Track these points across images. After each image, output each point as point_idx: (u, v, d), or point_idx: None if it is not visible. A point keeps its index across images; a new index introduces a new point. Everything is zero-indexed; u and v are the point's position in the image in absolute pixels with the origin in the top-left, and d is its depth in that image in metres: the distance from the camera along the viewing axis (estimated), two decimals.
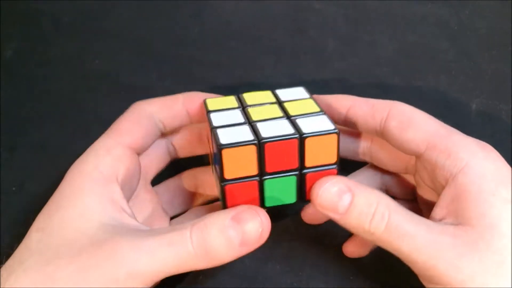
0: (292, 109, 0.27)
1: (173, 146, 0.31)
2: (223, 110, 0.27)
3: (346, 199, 0.24)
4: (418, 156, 0.27)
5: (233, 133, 0.25)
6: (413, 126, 0.26)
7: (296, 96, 0.29)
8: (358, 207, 0.24)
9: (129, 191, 0.28)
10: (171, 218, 0.31)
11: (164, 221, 0.30)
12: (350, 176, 0.32)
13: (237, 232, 0.23)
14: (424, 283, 0.25)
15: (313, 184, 0.25)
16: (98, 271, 0.23)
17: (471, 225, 0.23)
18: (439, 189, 0.26)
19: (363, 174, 0.32)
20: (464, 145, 0.25)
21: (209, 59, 0.37)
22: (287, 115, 0.26)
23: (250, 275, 0.32)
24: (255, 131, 0.25)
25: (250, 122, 0.26)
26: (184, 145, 0.31)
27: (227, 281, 0.32)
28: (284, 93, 0.29)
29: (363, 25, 0.36)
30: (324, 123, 0.25)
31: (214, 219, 0.24)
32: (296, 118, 0.26)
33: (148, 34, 0.38)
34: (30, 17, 0.39)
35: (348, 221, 0.25)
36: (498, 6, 0.35)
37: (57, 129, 0.36)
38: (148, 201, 0.30)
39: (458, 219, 0.24)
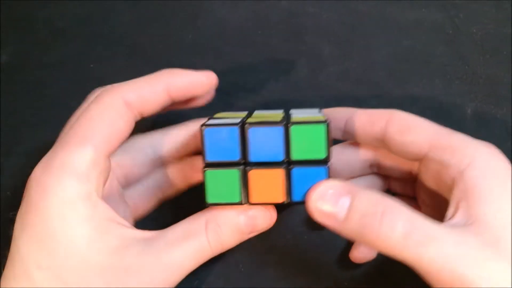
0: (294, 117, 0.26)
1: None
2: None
3: (345, 201, 0.23)
4: (421, 159, 0.26)
5: (222, 120, 0.25)
6: (414, 129, 0.26)
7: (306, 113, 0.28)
8: (360, 209, 0.22)
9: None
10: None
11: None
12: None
13: (248, 226, 0.25)
14: None
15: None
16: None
17: (487, 222, 0.22)
18: (444, 191, 0.25)
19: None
20: (468, 142, 0.25)
21: (204, 63, 0.37)
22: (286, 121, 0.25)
23: (245, 282, 0.32)
24: (242, 119, 0.25)
25: (243, 120, 0.25)
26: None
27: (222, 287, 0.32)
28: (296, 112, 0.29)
29: (358, 30, 0.36)
30: (314, 114, 0.25)
31: (226, 218, 0.25)
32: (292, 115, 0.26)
33: (143, 39, 0.38)
34: (25, 22, 0.39)
35: (350, 227, 0.22)
36: (492, 11, 0.35)
37: (53, 134, 0.36)
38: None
39: (472, 217, 0.22)
